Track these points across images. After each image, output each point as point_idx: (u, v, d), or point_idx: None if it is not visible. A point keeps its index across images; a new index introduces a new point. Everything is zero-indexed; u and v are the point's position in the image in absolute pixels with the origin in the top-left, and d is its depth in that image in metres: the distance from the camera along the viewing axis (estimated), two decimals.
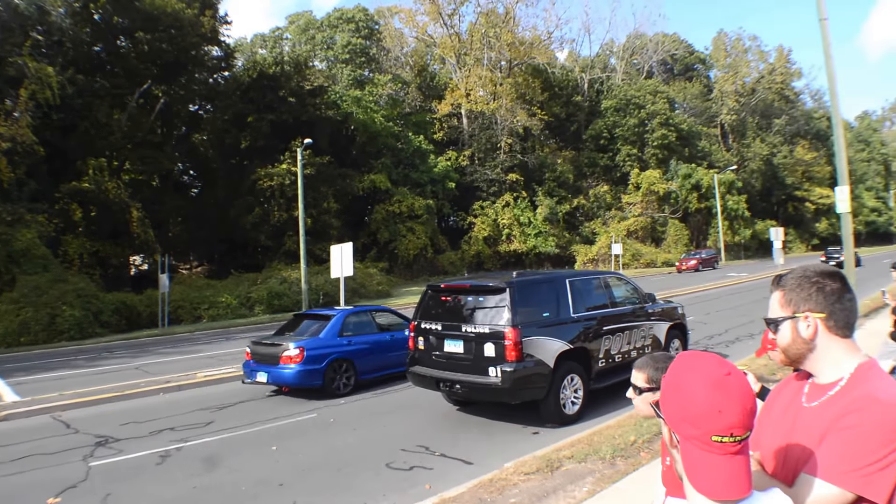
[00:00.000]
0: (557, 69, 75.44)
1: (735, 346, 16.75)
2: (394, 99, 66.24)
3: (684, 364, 1.86)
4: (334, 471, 8.64)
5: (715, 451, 1.74)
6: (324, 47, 71.99)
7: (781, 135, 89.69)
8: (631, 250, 63.94)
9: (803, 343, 2.18)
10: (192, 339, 26.42)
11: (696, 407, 1.75)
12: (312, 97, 50.91)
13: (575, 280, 11.28)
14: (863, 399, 2.00)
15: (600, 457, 7.75)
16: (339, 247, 18.73)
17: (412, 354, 11.19)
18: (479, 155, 63.41)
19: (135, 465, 9.41)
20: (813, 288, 2.17)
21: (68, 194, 36.92)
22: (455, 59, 68.46)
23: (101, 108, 39.95)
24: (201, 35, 45.42)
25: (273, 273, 40.72)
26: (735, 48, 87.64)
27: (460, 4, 69.35)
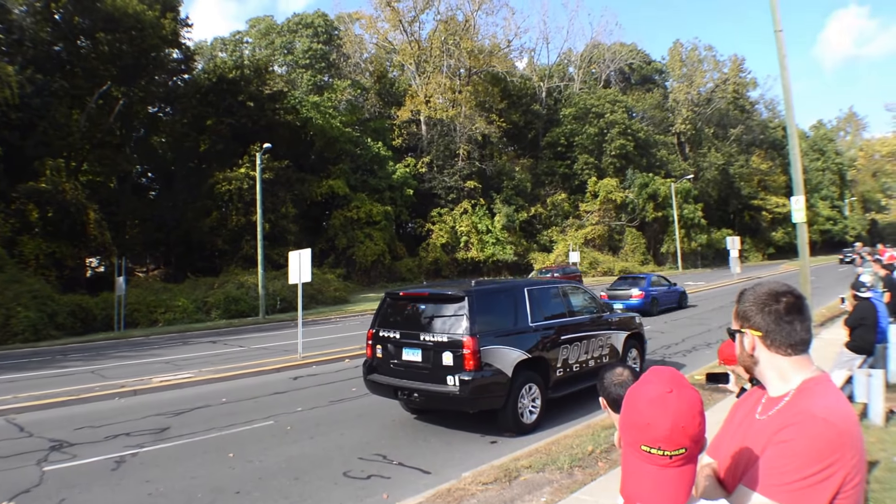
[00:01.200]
0: (516, 77, 75.89)
1: (692, 354, 16.93)
2: (353, 105, 66.10)
3: (645, 376, 2.00)
4: (291, 479, 8.56)
5: (644, 459, 1.87)
6: (283, 52, 71.61)
7: (737, 144, 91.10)
8: (589, 258, 64.40)
9: (748, 356, 2.29)
10: (148, 343, 26.08)
11: (632, 416, 1.91)
12: (272, 102, 50.71)
13: (533, 289, 11.31)
14: (800, 414, 2.04)
15: (558, 466, 7.77)
16: (298, 253, 18.61)
17: (370, 362, 11.13)
18: (438, 162, 63.48)
19: (89, 470, 9.26)
20: (754, 307, 2.26)
21: (25, 194, 36.28)
22: (415, 65, 68.54)
23: (60, 108, 39.38)
24: (162, 37, 44.99)
25: (230, 278, 40.38)
26: (690, 58, 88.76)
27: (420, 12, 69.58)
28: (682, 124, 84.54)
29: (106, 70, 42.40)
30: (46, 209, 36.80)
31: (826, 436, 1.95)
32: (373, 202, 55.68)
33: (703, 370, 12.95)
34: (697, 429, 1.87)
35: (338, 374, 16.40)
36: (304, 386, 15.15)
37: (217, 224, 45.60)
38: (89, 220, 38.18)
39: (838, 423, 1.98)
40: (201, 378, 16.14)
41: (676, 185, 73.00)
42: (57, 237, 37.01)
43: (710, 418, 1.98)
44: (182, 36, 49.08)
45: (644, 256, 73.02)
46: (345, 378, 15.61)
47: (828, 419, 1.98)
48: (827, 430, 1.96)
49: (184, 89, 50.66)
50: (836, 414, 2.02)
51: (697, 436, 1.87)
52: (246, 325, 32.54)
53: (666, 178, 75.54)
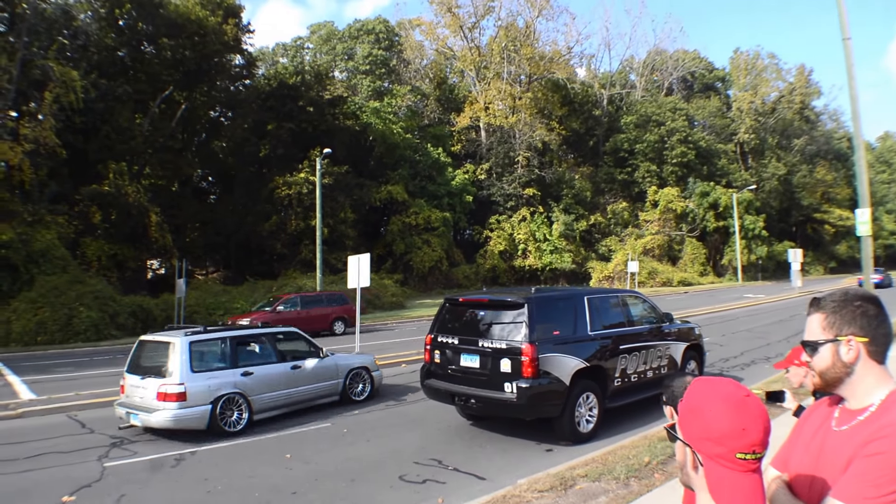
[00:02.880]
0: (577, 84, 75.41)
1: (750, 368, 16.61)
2: (412, 110, 66.44)
3: (703, 387, 1.93)
4: (347, 481, 8.64)
5: (738, 468, 1.81)
6: (344, 58, 72.34)
7: (801, 154, 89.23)
8: (647, 268, 63.66)
9: (843, 367, 2.16)
10: None
11: (721, 426, 1.82)
12: (332, 107, 51.17)
13: (593, 297, 11.24)
14: (891, 426, 1.98)
15: (614, 476, 7.70)
16: (357, 257, 18.73)
17: (427, 367, 11.18)
18: (497, 169, 63.39)
19: (149, 467, 9.48)
20: (857, 311, 2.16)
21: (88, 197, 37.25)
22: (474, 72, 68.61)
23: (123, 112, 40.27)
24: (224, 43, 45.75)
25: (288, 281, 40.80)
26: (754, 67, 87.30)
27: (481, 18, 69.64)
28: (746, 133, 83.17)
29: (168, 75, 43.25)
30: (109, 211, 37.72)
31: None
32: (431, 208, 55.78)
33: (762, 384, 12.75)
34: (771, 426, 1.87)
35: (395, 378, 16.44)
36: None
37: (276, 228, 46.17)
38: (151, 223, 38.98)
39: None
40: None
41: (738, 196, 71.90)
42: (119, 239, 37.87)
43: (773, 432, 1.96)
44: (244, 42, 49.84)
45: (703, 267, 71.99)
46: (402, 382, 15.67)
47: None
48: None
49: (245, 94, 51.42)
50: None
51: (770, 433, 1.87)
52: None
53: (727, 187, 74.44)
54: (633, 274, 53.62)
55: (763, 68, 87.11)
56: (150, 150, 44.01)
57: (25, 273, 30.83)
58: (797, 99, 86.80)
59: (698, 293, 53.71)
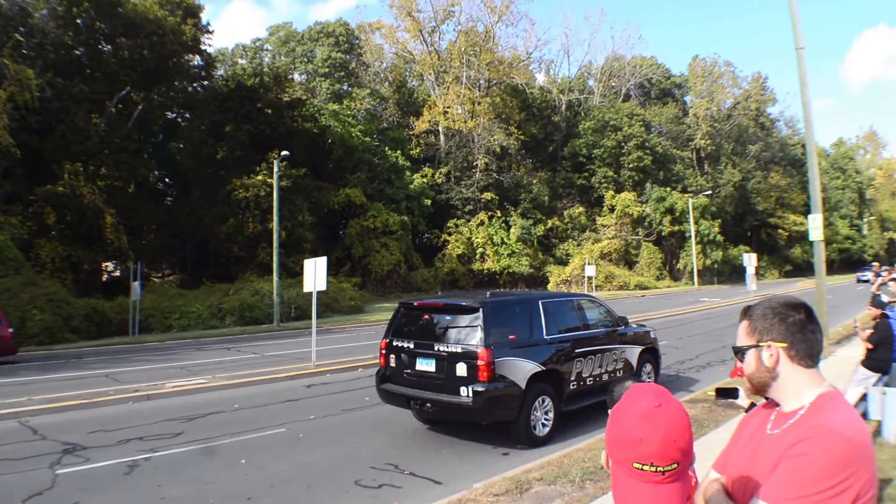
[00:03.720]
0: (536, 90, 75.78)
1: (706, 370, 16.82)
2: (371, 114, 66.31)
3: (629, 394, 1.99)
4: (303, 487, 8.57)
5: (636, 477, 1.87)
6: (304, 60, 71.97)
7: (756, 161, 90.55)
8: (604, 272, 64.25)
9: (766, 371, 2.24)
10: (163, 349, 26.17)
11: (623, 434, 1.90)
12: (290, 109, 50.93)
13: (548, 302, 11.29)
14: (815, 428, 2.03)
15: (570, 479, 7.74)
16: (313, 261, 18.63)
17: (383, 372, 11.13)
18: (455, 173, 63.55)
19: (102, 474, 9.28)
20: (776, 318, 2.24)
21: (43, 197, 36.61)
22: (434, 76, 68.76)
23: (79, 112, 39.69)
24: (182, 43, 45.33)
25: (245, 284, 40.44)
26: (710, 74, 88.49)
27: (441, 22, 69.91)
28: (702, 139, 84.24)
29: (126, 75, 42.67)
30: (64, 212, 37.11)
31: (842, 450, 1.95)
32: (389, 212, 55.76)
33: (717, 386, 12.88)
34: (688, 442, 1.88)
35: (351, 382, 16.40)
36: (318, 394, 15.17)
37: (233, 231, 45.75)
38: (106, 225, 38.45)
39: (854, 438, 1.99)
40: (215, 384, 16.19)
41: (694, 201, 72.79)
42: (74, 241, 37.27)
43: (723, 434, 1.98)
44: (203, 42, 49.43)
45: (660, 271, 72.82)
46: (358, 387, 15.60)
47: (843, 433, 1.98)
48: (843, 443, 1.96)
49: (203, 95, 50.92)
50: (851, 428, 2.02)
51: (687, 449, 1.88)
52: (260, 332, 32.59)
53: (683, 192, 75.37)
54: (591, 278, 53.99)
55: (720, 75, 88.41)
56: (107, 151, 43.33)
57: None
58: (752, 106, 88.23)
59: (655, 297, 54.20)
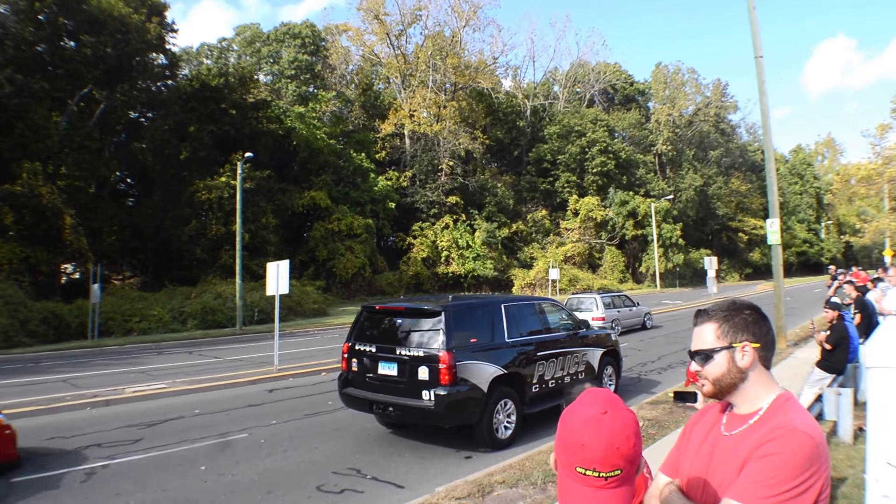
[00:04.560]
0: (502, 94, 76.10)
1: (668, 372, 16.99)
2: (337, 116, 66.12)
3: (579, 398, 2.00)
4: (264, 492, 8.50)
5: (579, 481, 1.88)
6: (269, 61, 71.54)
7: (717, 166, 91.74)
8: (568, 275, 64.61)
9: (738, 373, 2.24)
10: (123, 353, 25.85)
11: (567, 437, 1.91)
12: (255, 110, 50.64)
13: (510, 305, 11.34)
14: (782, 428, 2.07)
15: (532, 482, 7.78)
16: (276, 264, 18.53)
17: (345, 376, 11.10)
18: (421, 176, 63.57)
19: (58, 482, 9.13)
20: (749, 319, 2.26)
21: (0, 197, 35.98)
22: (400, 79, 68.74)
23: (40, 109, 39.00)
24: (146, 42, 44.82)
25: (208, 287, 40.10)
26: (673, 80, 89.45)
27: (408, 26, 69.92)
28: (664, 145, 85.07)
29: (88, 73, 42.10)
30: (22, 213, 36.40)
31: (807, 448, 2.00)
32: (354, 215, 55.64)
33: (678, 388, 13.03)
34: (633, 450, 1.88)
35: (314, 387, 16.34)
36: (280, 399, 15.07)
37: (196, 233, 45.35)
38: (65, 226, 37.81)
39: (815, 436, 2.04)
40: (175, 389, 16.02)
41: (656, 205, 73.47)
42: (31, 242, 36.60)
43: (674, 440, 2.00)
44: (167, 41, 48.88)
45: (623, 274, 73.44)
46: (321, 391, 15.56)
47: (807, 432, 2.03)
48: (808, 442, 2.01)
49: (167, 95, 50.37)
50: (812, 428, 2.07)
51: (632, 457, 1.88)
52: (223, 336, 32.32)
53: (645, 197, 76.17)
54: (555, 281, 54.23)
55: (682, 82, 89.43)
56: (67, 150, 42.67)
57: None
58: (712, 112, 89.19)
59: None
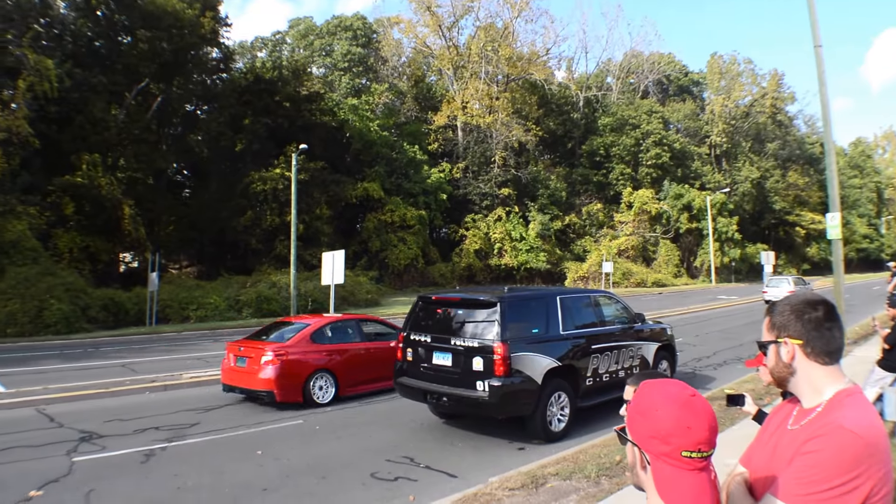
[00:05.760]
0: (554, 86, 75.56)
1: (723, 368, 16.76)
2: (390, 108, 66.28)
3: (651, 389, 2.00)
4: (318, 478, 8.62)
5: (684, 466, 1.88)
6: (322, 54, 72.02)
7: (774, 159, 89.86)
8: (622, 269, 63.91)
9: (784, 367, 2.27)
10: (180, 340, 26.34)
11: (667, 425, 1.89)
12: (308, 103, 50.97)
13: (565, 297, 11.29)
14: (828, 425, 2.04)
15: (585, 475, 7.74)
16: (332, 254, 18.70)
17: (400, 365, 11.16)
18: (473, 168, 63.40)
19: (118, 462, 9.37)
20: (793, 315, 2.26)
21: (61, 188, 36.78)
22: (452, 71, 68.60)
23: (98, 103, 39.82)
24: (201, 36, 45.41)
25: (263, 277, 40.55)
26: (729, 71, 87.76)
27: (460, 17, 69.64)
28: (719, 137, 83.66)
29: (145, 67, 42.81)
30: (82, 203, 37.25)
31: (853, 448, 1.96)
32: (407, 206, 55.69)
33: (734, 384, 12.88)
34: (717, 425, 1.94)
35: None
36: None
37: (251, 223, 45.89)
38: (124, 216, 38.59)
39: (865, 436, 1.99)
40: None
41: (711, 198, 72.41)
42: (91, 231, 37.46)
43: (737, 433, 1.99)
44: (221, 35, 49.42)
45: (677, 269, 72.51)
46: None
47: (854, 431, 1.99)
48: (854, 441, 1.97)
49: (221, 88, 51.02)
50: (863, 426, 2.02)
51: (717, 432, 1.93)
52: None
53: (701, 189, 75.03)
54: (608, 274, 53.90)
55: (738, 73, 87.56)
56: (125, 142, 43.50)
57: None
58: (769, 103, 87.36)
59: (672, 294, 54.05)
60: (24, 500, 7.79)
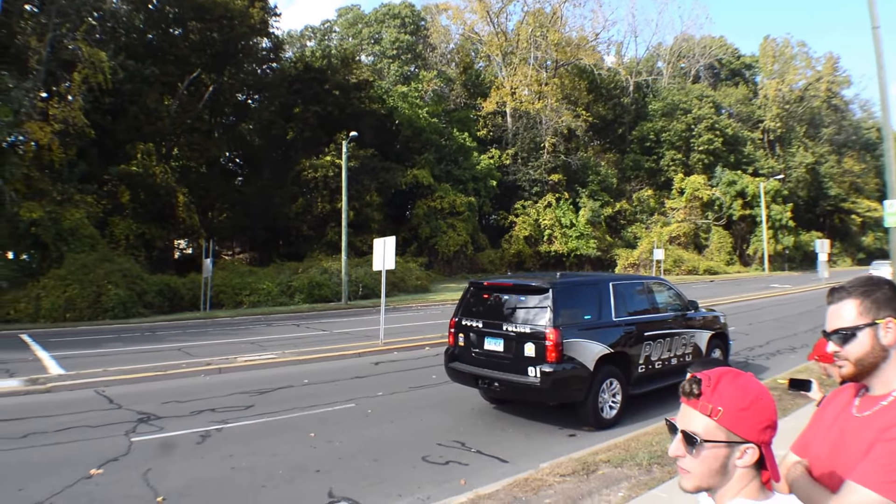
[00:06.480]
0: (604, 71, 74.90)
1: (776, 358, 16.52)
2: (438, 95, 66.20)
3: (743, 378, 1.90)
4: (370, 461, 8.70)
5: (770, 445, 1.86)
6: (370, 42, 72.22)
7: (829, 144, 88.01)
8: (673, 256, 63.16)
9: (881, 351, 2.16)
10: (233, 324, 26.66)
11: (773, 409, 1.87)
12: (358, 91, 51.25)
13: (618, 283, 11.20)
14: None
15: (637, 462, 7.72)
16: (383, 240, 18.78)
17: (451, 350, 11.21)
18: (523, 154, 63.15)
19: (175, 443, 9.55)
20: (889, 294, 2.17)
21: (117, 177, 37.59)
22: (501, 57, 68.29)
23: (151, 94, 40.54)
24: (250, 26, 45.99)
25: (314, 263, 40.89)
26: (782, 54, 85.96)
27: (508, 3, 69.27)
28: (772, 121, 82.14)
29: (196, 58, 43.50)
30: (137, 191, 38.07)
31: None
32: (456, 193, 55.70)
33: (788, 374, 12.70)
34: None
35: (418, 360, 16.54)
36: (385, 371, 15.34)
37: (302, 210, 46.38)
38: (178, 203, 39.33)
39: None
40: (284, 359, 16.47)
41: (765, 185, 71.23)
42: (147, 219, 38.22)
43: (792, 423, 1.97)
44: (270, 25, 50.06)
45: (730, 256, 71.49)
46: (425, 365, 15.74)
47: None
48: None
49: (272, 77, 51.61)
50: None
51: None
52: (328, 310, 32.97)
53: (754, 176, 73.77)
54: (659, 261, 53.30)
55: (792, 56, 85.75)
56: (178, 132, 44.28)
57: (55, 251, 31.12)
58: (824, 87, 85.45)
59: (724, 282, 53.34)
60: (85, 477, 7.98)
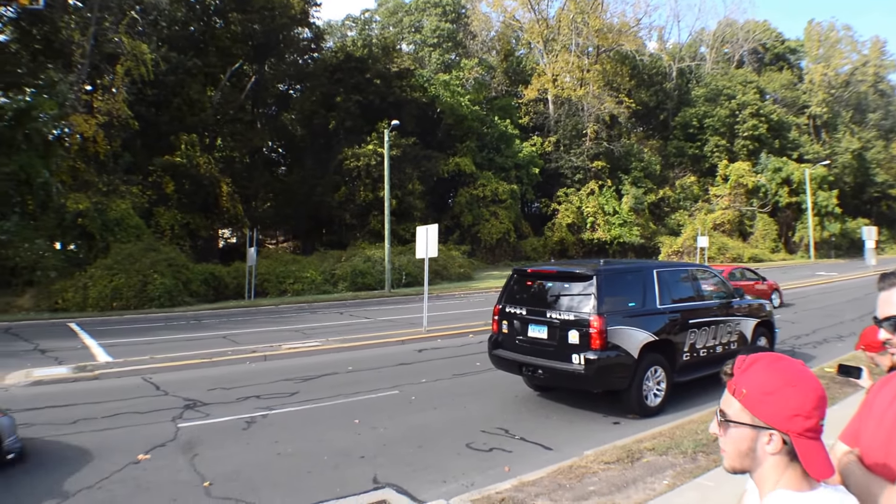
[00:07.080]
0: (646, 57, 74.13)
1: (822, 347, 16.31)
2: (480, 83, 65.95)
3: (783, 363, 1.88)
4: (415, 447, 8.77)
5: (817, 436, 1.81)
6: (411, 31, 72.15)
7: (876, 129, 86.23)
8: (717, 244, 62.41)
9: None
10: (278, 312, 26.95)
11: (812, 398, 1.80)
12: (399, 79, 51.26)
13: (662, 271, 11.13)
14: None
15: (681, 451, 7.70)
16: (425, 228, 18.84)
17: (495, 338, 11.24)
18: (565, 141, 62.76)
19: (221, 428, 9.73)
20: None
21: (161, 167, 38.12)
22: (542, 44, 67.84)
23: (194, 85, 41.01)
24: (291, 17, 46.28)
25: (357, 251, 41.09)
26: (828, 38, 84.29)
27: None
28: (818, 107, 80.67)
29: (238, 49, 43.91)
30: (182, 182, 38.57)
31: None
32: (499, 180, 55.57)
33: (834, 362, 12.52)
34: None
35: (461, 348, 16.60)
36: (429, 358, 15.43)
37: (345, 199, 46.62)
38: (222, 193, 39.80)
39: None
40: (328, 347, 16.64)
41: (811, 171, 70.04)
42: (191, 209, 38.72)
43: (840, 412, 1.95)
44: (311, 15, 50.34)
45: (775, 244, 70.48)
46: (469, 353, 15.79)
47: None
48: None
49: (313, 67, 51.87)
50: None
51: None
52: (372, 297, 33.19)
53: (799, 162, 72.56)
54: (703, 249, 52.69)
55: (837, 40, 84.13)
56: (221, 122, 44.73)
57: (101, 241, 31.69)
58: (871, 71, 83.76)
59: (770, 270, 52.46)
60: (133, 462, 8.17)
